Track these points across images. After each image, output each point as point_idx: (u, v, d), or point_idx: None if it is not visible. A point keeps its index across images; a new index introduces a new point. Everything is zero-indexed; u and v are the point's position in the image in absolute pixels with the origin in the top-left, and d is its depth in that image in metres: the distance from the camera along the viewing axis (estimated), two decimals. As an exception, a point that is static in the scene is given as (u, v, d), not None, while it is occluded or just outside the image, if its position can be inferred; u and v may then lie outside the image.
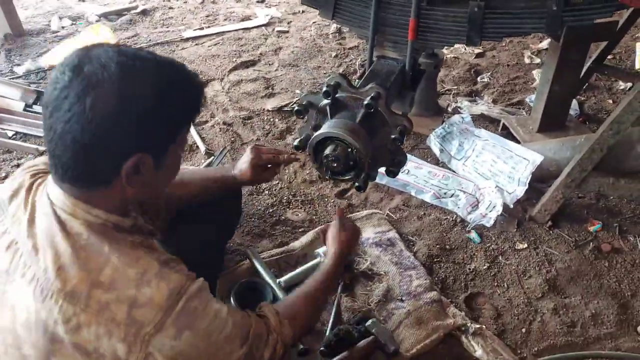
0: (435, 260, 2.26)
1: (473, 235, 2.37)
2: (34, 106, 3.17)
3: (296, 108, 1.73)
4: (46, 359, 1.02)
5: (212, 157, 2.83)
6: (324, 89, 1.64)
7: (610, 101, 3.33)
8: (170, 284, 1.03)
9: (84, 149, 0.96)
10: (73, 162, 0.98)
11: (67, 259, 0.99)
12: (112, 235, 1.05)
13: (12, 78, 3.48)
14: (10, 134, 2.96)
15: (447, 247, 2.33)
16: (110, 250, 1.01)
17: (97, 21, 4.27)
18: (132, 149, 0.99)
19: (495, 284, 2.17)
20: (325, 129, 1.61)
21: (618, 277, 2.20)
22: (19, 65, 3.64)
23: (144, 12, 4.50)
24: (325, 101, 1.67)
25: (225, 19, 4.45)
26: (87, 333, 0.98)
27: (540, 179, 2.57)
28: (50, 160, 1.02)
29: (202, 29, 4.27)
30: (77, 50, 1.00)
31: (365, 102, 1.60)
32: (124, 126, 0.95)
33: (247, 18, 4.45)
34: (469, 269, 2.23)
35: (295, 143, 1.75)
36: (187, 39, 4.11)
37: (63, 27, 4.23)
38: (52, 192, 1.06)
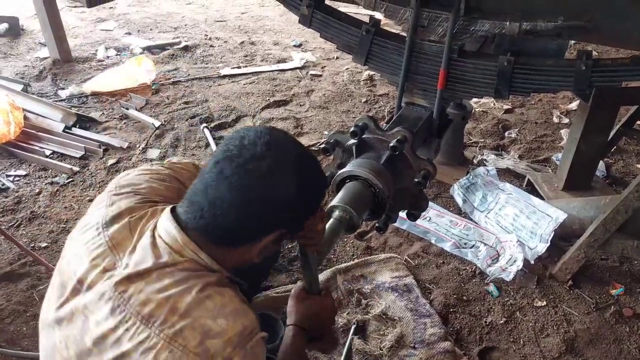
0: (451, 310, 2.23)
1: (491, 288, 2.35)
2: (73, 128, 3.31)
3: (323, 146, 1.77)
4: None
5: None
6: (352, 129, 1.69)
7: (639, 165, 3.31)
8: (245, 322, 1.04)
9: (242, 217, 1.05)
10: (226, 225, 1.05)
11: (149, 284, 1.03)
12: (202, 272, 1.08)
13: (56, 100, 3.64)
14: (47, 152, 3.08)
15: (465, 297, 2.30)
16: (195, 282, 1.04)
17: (140, 53, 4.48)
18: (276, 227, 1.10)
19: (511, 339, 2.13)
20: (350, 167, 1.65)
21: (639, 344, 2.13)
22: (63, 89, 3.82)
23: (186, 48, 4.70)
24: (352, 141, 1.72)
25: (262, 60, 4.61)
26: (156, 356, 0.98)
27: (562, 237, 2.54)
28: (197, 213, 1.06)
29: (239, 67, 4.43)
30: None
31: (391, 145, 1.64)
32: (270, 209, 1.06)
33: (282, 60, 4.61)
34: (485, 322, 2.19)
35: (320, 180, 1.79)
36: (224, 76, 4.26)
37: (108, 57, 4.44)
38: (162, 225, 1.09)
